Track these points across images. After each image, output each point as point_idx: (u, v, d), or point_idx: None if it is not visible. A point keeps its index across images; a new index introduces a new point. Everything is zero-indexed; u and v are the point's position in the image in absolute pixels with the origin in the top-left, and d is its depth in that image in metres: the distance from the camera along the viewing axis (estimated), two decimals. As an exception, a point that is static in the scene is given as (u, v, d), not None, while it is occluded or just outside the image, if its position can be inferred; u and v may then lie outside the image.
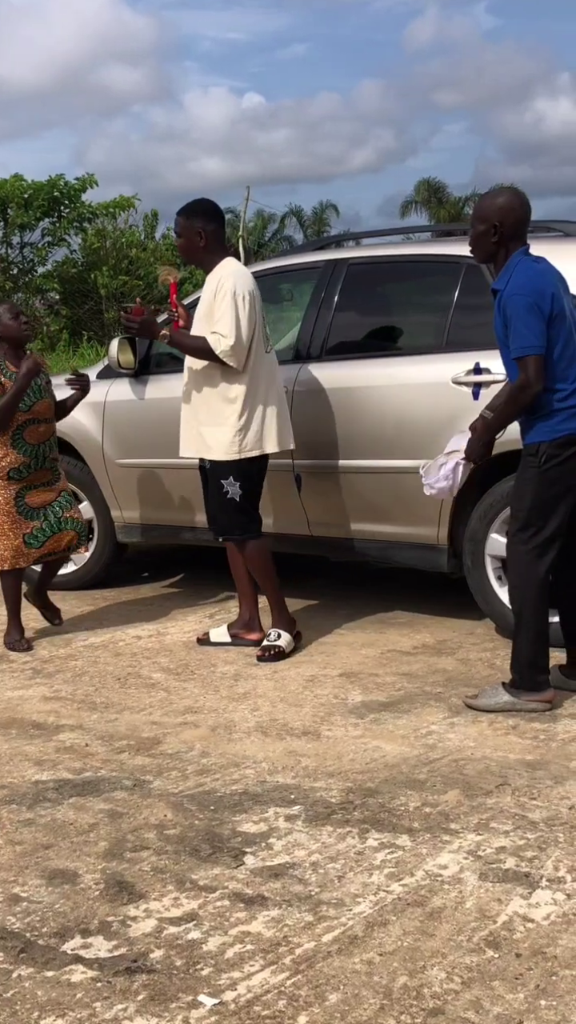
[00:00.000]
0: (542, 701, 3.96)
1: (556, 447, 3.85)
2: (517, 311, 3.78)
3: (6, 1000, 2.34)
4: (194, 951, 2.50)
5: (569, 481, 3.89)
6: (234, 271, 4.63)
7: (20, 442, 4.99)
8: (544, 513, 3.88)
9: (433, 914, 2.62)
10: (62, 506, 5.15)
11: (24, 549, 5.06)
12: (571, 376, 3.85)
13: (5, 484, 5.00)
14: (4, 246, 21.79)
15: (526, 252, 3.91)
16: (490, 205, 3.93)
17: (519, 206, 3.91)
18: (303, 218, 44.95)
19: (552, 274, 3.91)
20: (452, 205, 40.94)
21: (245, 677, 4.51)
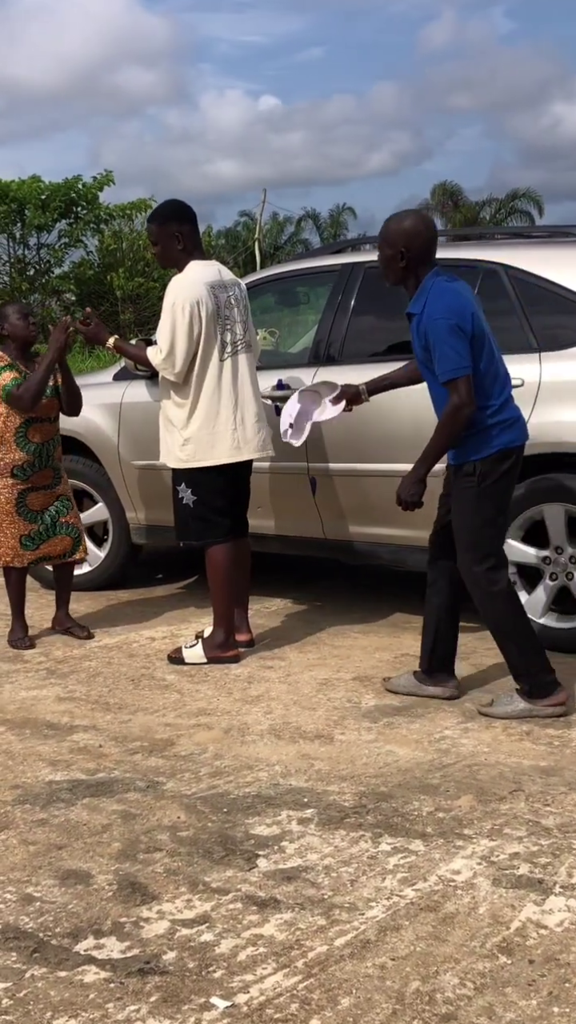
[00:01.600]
0: (556, 704, 3.96)
1: (492, 463, 3.91)
2: (440, 335, 3.81)
3: (19, 1000, 2.34)
4: (207, 953, 2.50)
5: (504, 496, 3.97)
6: (181, 280, 4.63)
7: (23, 440, 5.00)
8: (490, 531, 3.95)
9: (446, 919, 2.61)
10: (59, 511, 5.16)
11: (19, 550, 5.07)
12: (496, 392, 3.92)
13: (8, 482, 5.02)
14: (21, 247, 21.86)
15: (437, 273, 3.95)
16: (396, 229, 3.95)
17: (424, 229, 3.95)
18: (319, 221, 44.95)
19: (468, 293, 3.96)
20: (468, 209, 40.88)
21: (258, 680, 4.51)
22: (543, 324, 4.70)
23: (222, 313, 4.62)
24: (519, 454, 3.99)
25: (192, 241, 4.70)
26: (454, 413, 3.82)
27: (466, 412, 3.81)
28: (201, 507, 4.70)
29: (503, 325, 4.81)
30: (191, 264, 4.66)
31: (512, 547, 4.64)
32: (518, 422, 3.98)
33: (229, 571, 4.74)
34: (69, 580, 5.34)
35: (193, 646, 4.76)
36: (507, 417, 3.93)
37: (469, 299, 3.90)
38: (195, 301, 4.54)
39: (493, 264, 4.87)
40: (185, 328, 4.54)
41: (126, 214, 22.25)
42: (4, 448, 4.98)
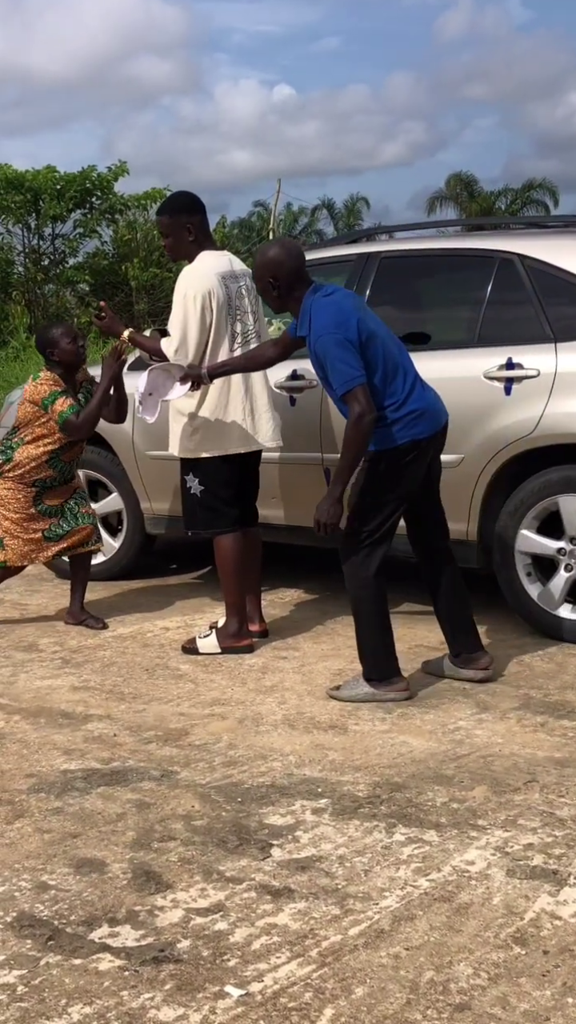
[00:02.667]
0: (398, 691, 4.09)
1: (400, 453, 3.98)
2: (328, 350, 3.88)
3: (34, 987, 2.35)
4: (221, 942, 2.51)
5: (403, 483, 4.04)
6: (192, 270, 4.64)
7: (56, 461, 5.11)
8: (374, 513, 4.02)
9: (460, 910, 2.62)
10: (77, 503, 5.24)
11: (43, 543, 5.12)
12: (398, 387, 3.97)
13: (26, 487, 5.10)
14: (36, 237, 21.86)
15: (315, 290, 4.02)
16: (261, 263, 4.09)
17: (287, 257, 4.05)
18: (334, 211, 44.83)
19: (348, 300, 4.02)
20: (483, 199, 40.70)
21: (272, 670, 4.51)
22: (559, 314, 4.68)
23: (233, 303, 4.62)
24: (429, 443, 4.06)
25: (202, 232, 4.71)
26: (357, 423, 3.86)
27: (368, 419, 3.85)
28: (209, 496, 4.70)
29: (518, 315, 4.80)
30: (202, 255, 4.67)
31: (528, 538, 4.63)
32: (426, 413, 4.03)
33: (238, 561, 4.74)
34: (87, 573, 5.37)
35: (207, 636, 4.77)
36: (413, 409, 3.99)
37: (350, 306, 3.97)
38: (207, 291, 4.54)
39: (509, 254, 4.85)
40: (197, 318, 4.54)
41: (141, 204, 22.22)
42: (35, 464, 5.07)
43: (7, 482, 5.11)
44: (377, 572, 4.06)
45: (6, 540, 5.12)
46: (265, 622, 5.00)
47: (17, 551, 5.13)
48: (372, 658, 4.12)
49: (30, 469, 5.07)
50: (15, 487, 5.10)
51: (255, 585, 4.98)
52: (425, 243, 5.46)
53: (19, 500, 5.10)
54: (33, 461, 5.06)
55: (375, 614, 4.10)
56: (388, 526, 4.07)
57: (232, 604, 4.75)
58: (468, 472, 4.70)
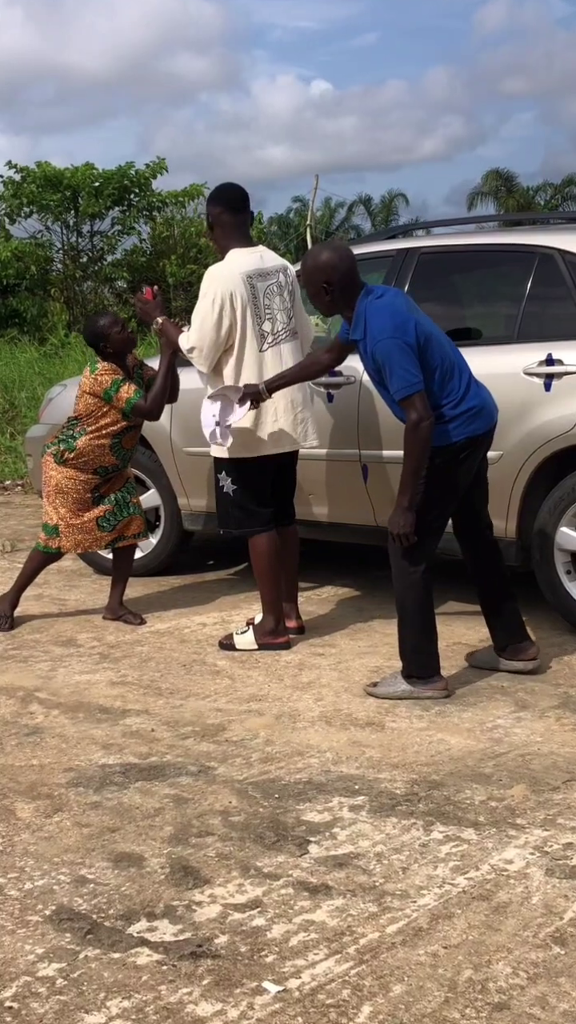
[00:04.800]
0: (437, 690, 4.07)
1: (456, 450, 3.98)
2: (388, 355, 3.87)
3: (73, 980, 2.37)
4: (258, 938, 2.51)
5: (458, 481, 4.04)
6: (215, 270, 4.63)
7: (118, 447, 5.14)
8: (429, 511, 3.99)
9: (498, 908, 2.60)
10: (125, 493, 5.28)
11: (97, 532, 5.17)
12: (455, 386, 3.97)
13: (88, 475, 5.13)
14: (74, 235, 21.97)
15: (367, 293, 4.00)
16: (313, 267, 4.05)
17: (340, 260, 4.03)
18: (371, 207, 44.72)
19: (401, 302, 4.01)
20: (522, 195, 40.43)
21: (309, 667, 4.51)
22: (600, 310, 4.63)
23: (260, 303, 4.58)
24: (484, 439, 4.07)
25: (224, 228, 4.67)
26: (415, 429, 3.86)
27: (425, 425, 3.85)
28: (242, 496, 4.70)
29: (559, 311, 4.76)
30: (231, 252, 4.65)
31: (567, 535, 4.59)
32: (483, 410, 4.03)
33: (272, 559, 4.73)
34: (129, 567, 5.39)
35: (244, 632, 4.77)
36: (471, 406, 3.99)
37: (405, 309, 3.96)
38: (228, 293, 4.52)
39: (549, 249, 4.81)
40: (214, 320, 4.53)
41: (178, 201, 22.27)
42: (99, 452, 5.10)
43: (68, 470, 5.12)
44: (425, 569, 4.05)
45: (61, 528, 5.15)
46: (302, 619, 5.00)
47: (72, 539, 5.16)
48: (414, 655, 4.10)
49: (94, 457, 5.10)
50: (76, 475, 5.11)
51: (292, 582, 4.97)
52: (464, 239, 5.43)
53: (79, 491, 5.12)
54: (97, 450, 5.08)
55: (420, 611, 4.09)
56: (440, 523, 4.07)
57: (269, 602, 4.75)
58: (507, 469, 4.68)
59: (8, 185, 20.90)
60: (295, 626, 4.91)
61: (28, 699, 4.21)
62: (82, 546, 5.22)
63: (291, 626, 4.89)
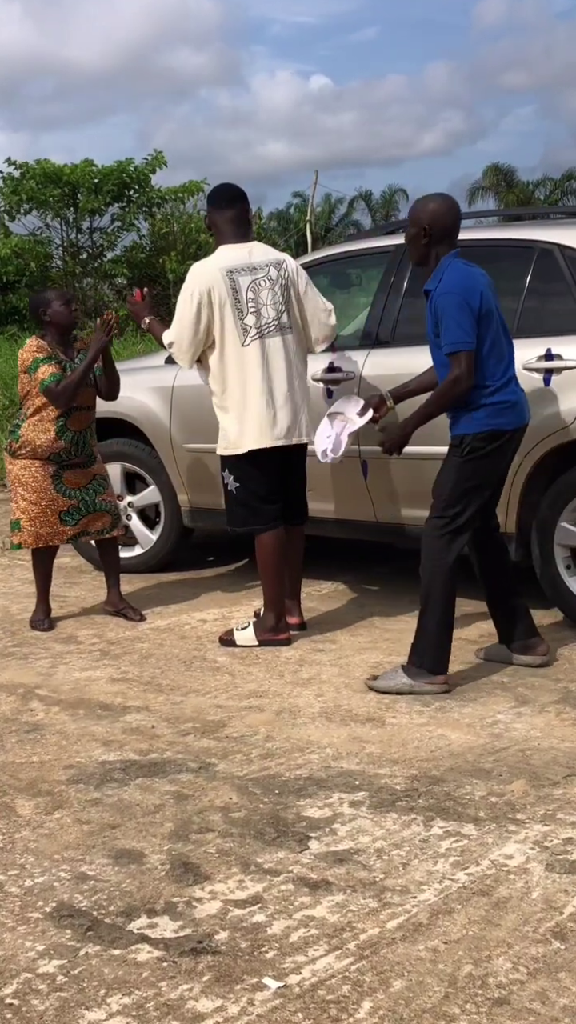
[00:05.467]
0: (438, 684, 4.10)
1: (480, 440, 4.02)
2: (448, 309, 3.95)
3: (74, 977, 2.37)
4: (259, 934, 2.51)
5: (487, 474, 4.08)
6: (195, 266, 4.70)
7: (63, 429, 5.06)
8: (461, 502, 4.05)
9: (499, 904, 2.60)
10: (96, 490, 5.22)
11: (59, 526, 5.13)
12: (498, 373, 4.02)
13: (43, 463, 5.08)
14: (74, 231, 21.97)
15: (457, 255, 4.08)
16: (421, 209, 4.12)
17: (446, 211, 4.10)
18: (372, 202, 44.66)
19: (481, 276, 4.07)
20: (522, 189, 40.38)
21: (310, 663, 4.51)
22: (599, 305, 4.63)
23: (243, 297, 4.57)
24: (512, 436, 4.09)
25: (218, 228, 4.72)
26: (452, 384, 3.96)
27: (463, 386, 3.94)
28: (244, 494, 4.70)
29: (558, 306, 4.76)
30: (218, 249, 4.70)
31: (567, 531, 4.59)
32: (515, 406, 4.07)
33: (278, 557, 4.73)
34: (117, 560, 5.39)
35: (244, 629, 4.77)
36: (503, 400, 4.02)
37: (481, 281, 4.03)
38: (205, 289, 4.56)
39: (548, 244, 4.81)
40: (191, 316, 4.56)
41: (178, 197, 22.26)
42: (43, 436, 5.04)
43: (22, 461, 5.08)
44: (454, 561, 4.08)
45: (23, 522, 5.11)
46: (303, 616, 4.99)
47: (32, 532, 5.10)
48: (427, 647, 4.12)
49: (41, 444, 5.03)
50: (30, 465, 5.06)
51: (295, 579, 4.96)
52: (463, 233, 5.41)
53: (37, 479, 5.06)
54: (42, 434, 5.02)
55: (443, 602, 4.12)
56: (470, 516, 4.09)
57: (271, 598, 4.75)
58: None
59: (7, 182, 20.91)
60: (297, 622, 4.92)
61: (28, 696, 4.21)
62: (43, 540, 5.11)
63: (293, 622, 4.89)
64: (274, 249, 4.85)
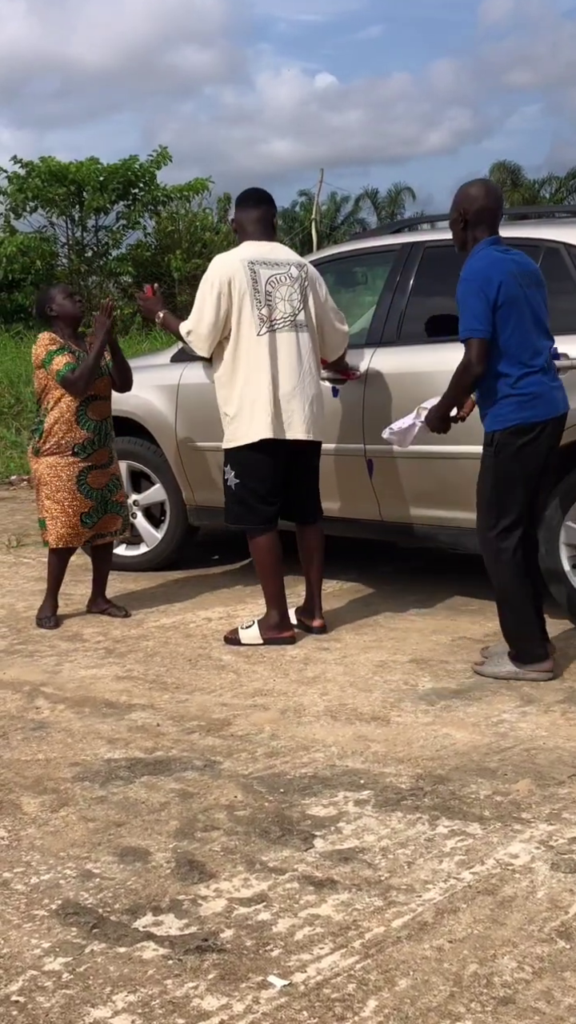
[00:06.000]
0: (542, 672, 4.13)
1: (507, 436, 4.01)
2: (463, 296, 3.98)
3: (79, 975, 2.37)
4: (264, 932, 2.51)
5: (523, 470, 4.03)
6: (218, 257, 4.71)
7: (84, 418, 5.08)
8: (502, 499, 4.05)
9: (504, 903, 2.60)
10: (111, 490, 5.24)
11: (80, 528, 5.15)
12: (522, 363, 3.98)
13: (71, 460, 5.08)
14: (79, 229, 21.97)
15: (493, 242, 4.07)
16: (461, 194, 4.14)
17: (483, 196, 4.10)
18: (378, 200, 44.61)
19: (508, 263, 4.02)
20: (527, 188, 40.30)
21: (314, 661, 4.51)
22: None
23: (261, 288, 4.58)
24: (544, 428, 4.04)
25: (242, 227, 4.76)
26: (462, 371, 3.99)
27: (473, 373, 3.96)
28: (242, 490, 4.71)
29: (563, 305, 4.75)
30: (242, 244, 4.72)
31: (572, 530, 4.59)
32: (540, 398, 4.02)
33: (271, 555, 4.72)
34: (108, 562, 5.42)
35: (249, 627, 4.77)
36: (527, 391, 3.99)
37: (504, 269, 3.98)
38: (226, 278, 4.57)
39: (553, 243, 4.81)
40: (212, 304, 4.57)
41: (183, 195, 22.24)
42: (66, 427, 5.05)
43: (48, 459, 5.09)
44: (514, 556, 4.08)
45: (47, 521, 5.12)
46: (324, 619, 4.92)
47: (55, 533, 5.11)
48: (517, 641, 4.16)
49: (64, 435, 5.05)
50: (56, 463, 5.07)
51: (315, 580, 4.91)
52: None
53: (62, 478, 5.07)
54: (63, 425, 5.04)
55: (518, 597, 4.12)
56: (517, 513, 4.07)
57: (270, 596, 4.75)
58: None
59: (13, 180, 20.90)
60: (317, 625, 4.88)
61: (34, 694, 4.22)
62: (64, 540, 5.12)
63: (315, 624, 4.87)
64: (296, 253, 4.88)
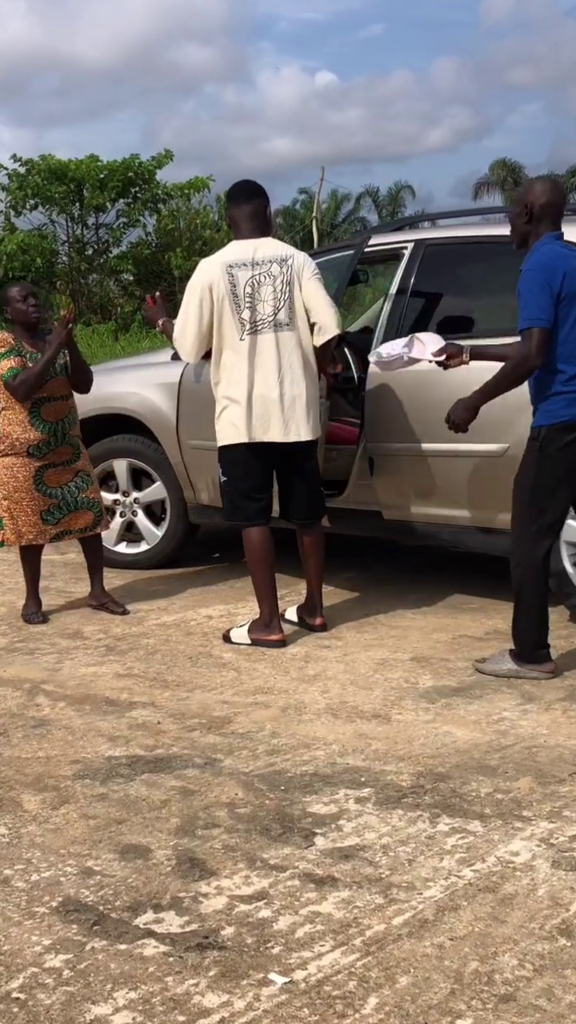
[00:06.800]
0: (544, 672, 4.13)
1: (555, 432, 3.97)
2: (528, 286, 3.92)
3: (80, 972, 2.37)
4: (265, 929, 2.51)
5: (567, 467, 4.00)
6: (200, 264, 4.71)
7: (37, 420, 5.07)
8: (543, 496, 4.02)
9: (504, 901, 2.60)
10: (79, 487, 5.23)
11: (42, 526, 5.15)
12: (573, 359, 3.94)
13: (26, 461, 5.09)
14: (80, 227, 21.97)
15: (557, 237, 4.04)
16: (527, 189, 4.15)
17: (550, 191, 4.09)
18: (378, 198, 44.60)
19: (572, 259, 3.98)
20: (528, 186, 40.26)
21: (315, 659, 4.51)
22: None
23: (240, 292, 4.55)
24: None
25: (233, 222, 4.75)
26: (520, 361, 3.93)
27: (531, 364, 3.90)
28: (229, 487, 4.73)
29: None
30: (228, 245, 4.73)
31: (573, 528, 4.58)
32: None
33: (261, 553, 4.71)
34: (99, 555, 5.42)
35: (242, 626, 4.77)
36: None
37: (571, 263, 3.95)
38: (206, 284, 4.58)
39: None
40: (195, 310, 4.59)
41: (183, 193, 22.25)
42: (20, 428, 5.06)
43: (4, 459, 5.09)
44: (544, 557, 4.07)
45: (5, 520, 5.12)
46: (325, 617, 4.92)
47: (14, 531, 5.11)
48: (525, 639, 4.15)
49: (18, 436, 5.05)
50: (12, 463, 5.07)
51: (315, 580, 4.90)
52: (471, 230, 5.42)
53: (17, 479, 5.07)
54: (17, 427, 5.04)
55: (536, 596, 4.12)
56: (558, 511, 4.07)
57: (260, 597, 4.75)
58: (513, 462, 4.65)
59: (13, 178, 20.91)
60: (319, 623, 4.88)
61: (35, 691, 4.21)
62: (25, 538, 5.12)
63: (316, 623, 4.87)
64: (285, 245, 4.80)
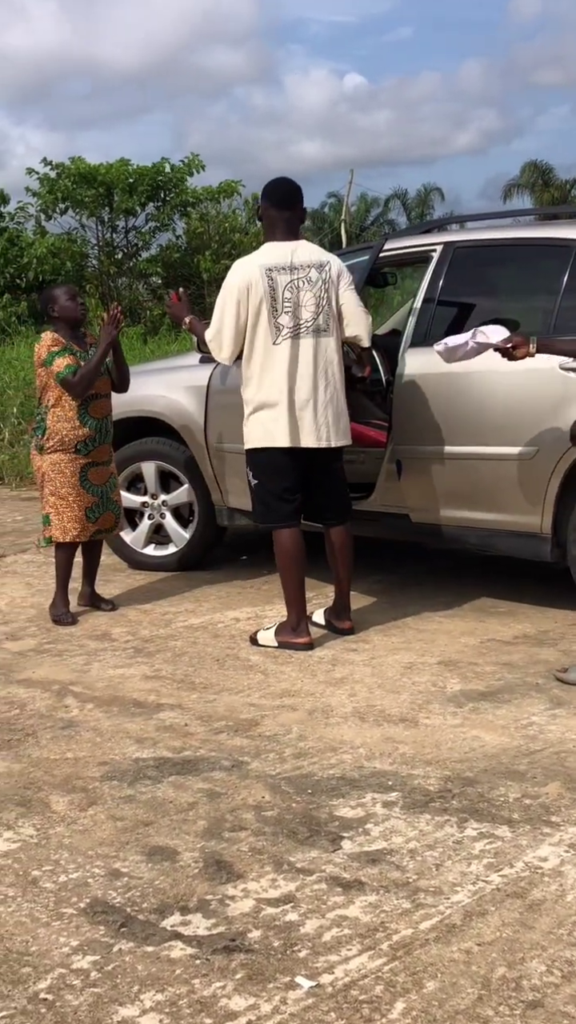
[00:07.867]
0: None
1: None
2: None
3: (107, 973, 2.38)
4: (292, 933, 2.51)
5: None
6: (237, 262, 4.71)
7: (86, 416, 5.18)
8: None
9: (533, 906, 2.59)
10: (110, 487, 5.36)
11: (85, 523, 5.25)
12: None
13: (73, 457, 5.18)
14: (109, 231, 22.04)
15: None
16: None
17: None
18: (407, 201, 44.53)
19: None
20: (558, 188, 40.07)
21: (342, 662, 4.51)
22: None
23: (279, 296, 4.54)
24: None
25: (268, 222, 4.70)
26: None
27: None
28: (261, 490, 4.72)
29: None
30: (263, 246, 4.69)
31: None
32: None
33: (292, 556, 4.70)
34: (99, 556, 5.54)
35: (269, 628, 4.77)
36: None
37: None
38: (244, 285, 4.56)
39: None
40: (232, 311, 4.57)
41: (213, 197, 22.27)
42: (69, 424, 5.14)
43: (51, 456, 5.18)
44: None
45: (52, 516, 5.21)
46: (352, 620, 4.92)
47: (60, 527, 5.20)
48: None
49: (67, 433, 5.14)
50: (59, 459, 5.16)
51: (342, 581, 4.90)
52: (500, 232, 5.40)
53: (65, 475, 5.16)
54: (66, 423, 5.14)
55: None
56: None
57: (288, 600, 4.74)
58: (542, 465, 4.64)
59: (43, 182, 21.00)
60: (345, 626, 4.88)
61: (63, 693, 4.23)
62: (70, 534, 5.21)
63: (344, 626, 4.87)
64: (321, 250, 4.80)
